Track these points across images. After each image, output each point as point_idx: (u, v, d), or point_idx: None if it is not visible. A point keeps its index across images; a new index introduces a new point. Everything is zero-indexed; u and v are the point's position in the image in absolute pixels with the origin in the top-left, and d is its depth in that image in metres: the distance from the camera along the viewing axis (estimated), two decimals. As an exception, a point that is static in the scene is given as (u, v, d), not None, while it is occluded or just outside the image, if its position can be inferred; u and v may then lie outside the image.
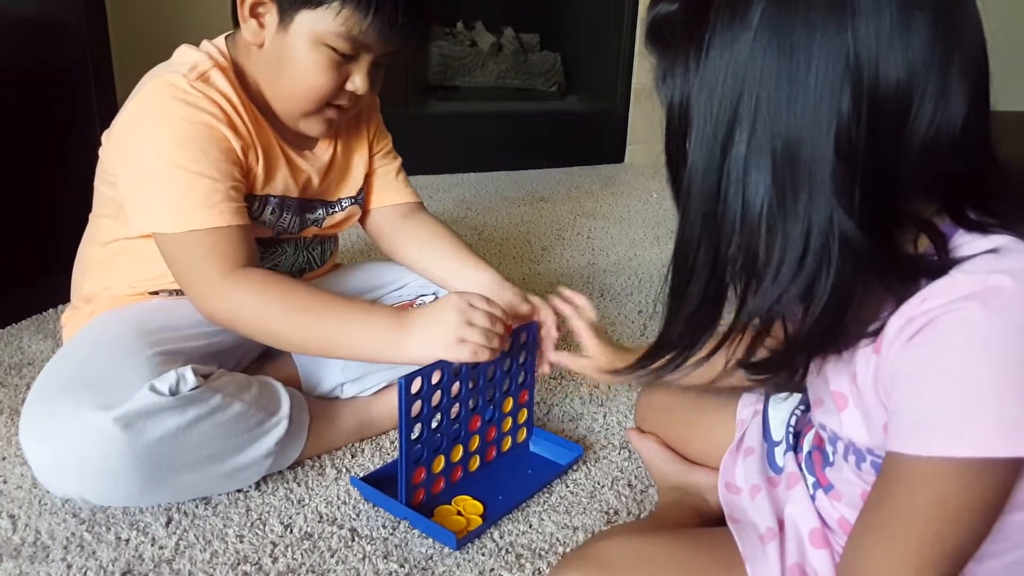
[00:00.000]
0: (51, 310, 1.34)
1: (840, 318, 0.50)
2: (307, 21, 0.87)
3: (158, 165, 0.88)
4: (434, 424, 0.88)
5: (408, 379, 0.81)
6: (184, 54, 0.93)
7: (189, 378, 0.83)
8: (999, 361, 0.46)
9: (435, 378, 0.86)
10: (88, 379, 0.83)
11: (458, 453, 0.93)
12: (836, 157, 0.47)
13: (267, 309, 0.87)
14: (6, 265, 1.26)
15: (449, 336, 0.83)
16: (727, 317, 0.55)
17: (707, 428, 0.87)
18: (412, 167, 1.20)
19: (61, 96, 0.89)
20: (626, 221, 2.14)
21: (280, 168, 0.98)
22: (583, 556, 0.71)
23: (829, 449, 0.67)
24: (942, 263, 0.50)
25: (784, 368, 0.56)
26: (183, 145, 0.87)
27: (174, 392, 0.81)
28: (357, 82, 0.92)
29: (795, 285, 0.49)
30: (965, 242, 0.51)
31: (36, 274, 0.92)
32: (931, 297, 0.49)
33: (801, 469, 0.72)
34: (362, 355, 0.90)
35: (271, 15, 0.89)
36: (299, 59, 0.89)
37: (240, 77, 0.94)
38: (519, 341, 0.96)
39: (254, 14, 0.90)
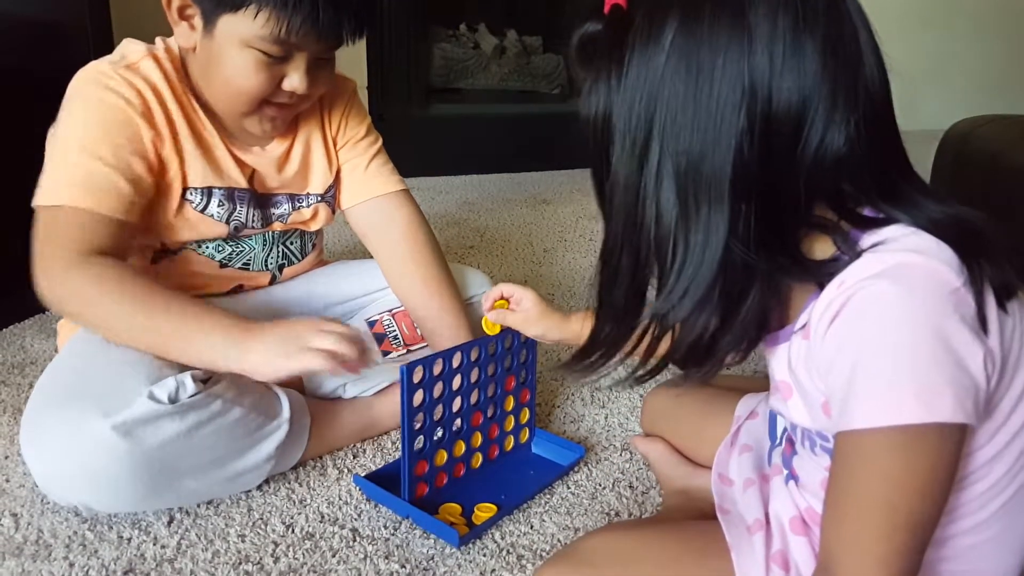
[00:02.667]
0: (54, 310, 1.35)
1: (727, 325, 0.55)
2: (229, 25, 0.85)
3: (64, 142, 0.87)
4: (436, 416, 0.88)
5: (410, 368, 0.82)
6: (123, 45, 0.93)
7: (188, 385, 0.81)
8: (911, 330, 0.49)
9: (437, 368, 0.86)
10: (86, 387, 0.82)
11: (460, 448, 0.93)
12: (733, 174, 0.51)
13: (99, 297, 0.81)
14: (8, 265, 1.26)
15: (295, 344, 0.79)
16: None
17: (713, 431, 0.87)
18: (415, 169, 1.19)
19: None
20: (628, 223, 2.14)
21: (219, 160, 0.96)
22: (564, 554, 0.73)
23: (793, 437, 0.69)
24: (852, 257, 0.53)
25: (657, 372, 0.60)
26: (89, 124, 0.86)
27: (173, 400, 0.80)
28: (295, 81, 0.89)
29: (691, 292, 0.54)
30: (868, 236, 0.54)
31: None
32: (847, 279, 0.52)
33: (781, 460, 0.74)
34: (195, 357, 0.82)
35: (198, 18, 0.87)
36: (228, 62, 0.87)
37: (186, 74, 0.93)
38: (520, 339, 0.97)
39: (183, 16, 0.88)
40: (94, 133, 0.86)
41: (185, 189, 0.94)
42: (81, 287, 0.82)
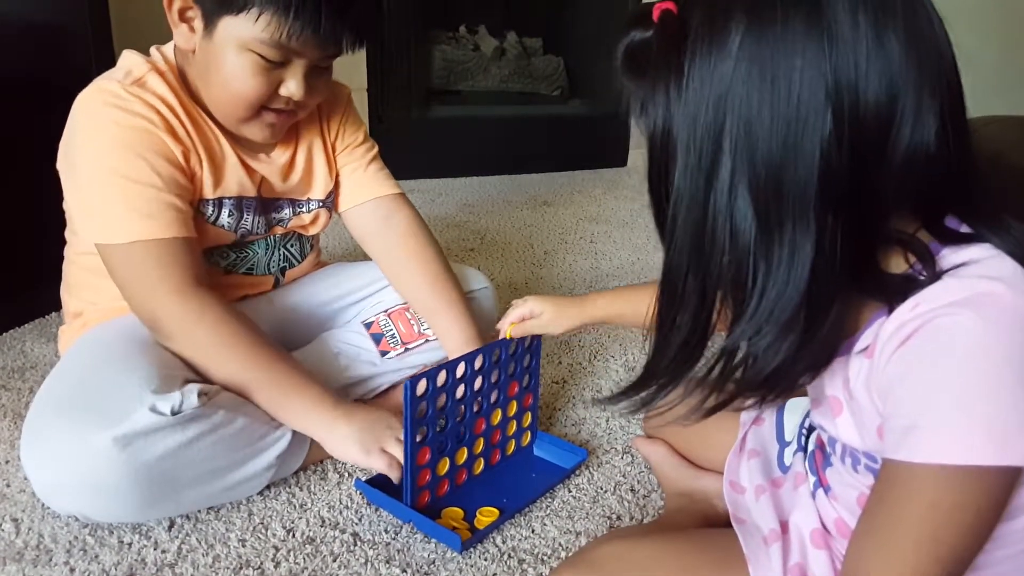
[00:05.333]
0: (53, 314, 1.34)
1: (805, 348, 0.51)
2: (230, 27, 0.85)
3: (98, 173, 0.86)
4: (439, 427, 0.88)
5: (414, 381, 0.81)
6: (124, 59, 0.92)
7: (192, 399, 0.81)
8: (991, 367, 0.46)
9: (440, 380, 0.86)
10: (87, 397, 0.81)
11: (463, 456, 0.93)
12: (819, 183, 0.47)
13: (211, 350, 0.88)
14: (9, 270, 1.26)
15: (375, 442, 0.88)
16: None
17: (716, 434, 0.87)
18: (415, 171, 1.18)
19: (65, 102, 0.90)
20: (629, 225, 2.14)
21: (231, 169, 0.96)
22: (578, 561, 0.72)
23: (828, 450, 0.68)
24: (930, 278, 0.50)
25: (730, 402, 0.56)
26: (121, 151, 0.85)
27: (176, 412, 0.79)
28: (292, 87, 0.89)
29: (776, 315, 0.50)
30: (949, 253, 0.51)
31: (39, 278, 0.92)
32: (923, 302, 0.49)
33: (806, 468, 0.73)
34: (287, 420, 0.90)
35: (199, 20, 0.87)
36: (226, 65, 0.87)
37: (185, 82, 0.93)
38: (524, 344, 0.96)
39: (183, 18, 0.88)
40: (130, 160, 0.85)
41: (200, 201, 0.94)
42: (190, 332, 0.88)
